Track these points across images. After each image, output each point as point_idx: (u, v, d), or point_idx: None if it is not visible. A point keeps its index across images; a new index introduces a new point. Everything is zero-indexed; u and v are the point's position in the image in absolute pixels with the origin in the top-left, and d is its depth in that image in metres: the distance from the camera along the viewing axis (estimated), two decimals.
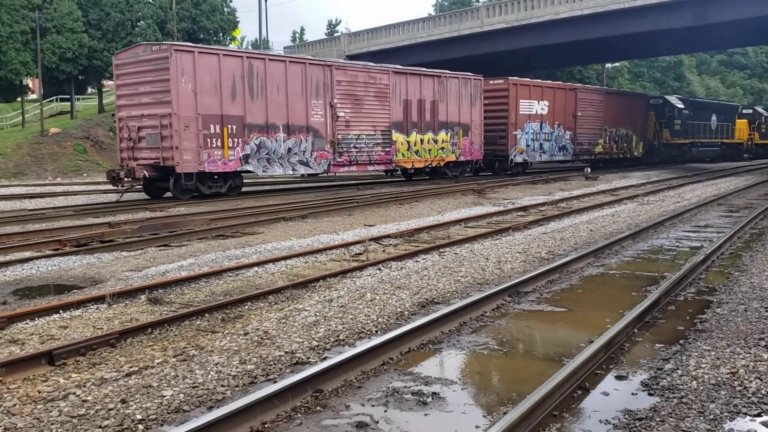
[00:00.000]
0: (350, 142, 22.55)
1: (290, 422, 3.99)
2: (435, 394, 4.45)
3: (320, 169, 21.92)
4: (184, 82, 17.94)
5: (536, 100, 30.64)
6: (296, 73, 20.69)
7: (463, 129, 26.81)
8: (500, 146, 29.50)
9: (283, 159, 20.54)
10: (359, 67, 23.57)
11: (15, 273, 8.71)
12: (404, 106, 24.39)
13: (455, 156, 26.66)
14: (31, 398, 4.33)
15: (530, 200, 18.00)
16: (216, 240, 11.53)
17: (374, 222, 13.63)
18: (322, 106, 21.46)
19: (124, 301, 6.95)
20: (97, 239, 11.30)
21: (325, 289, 7.43)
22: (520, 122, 29.77)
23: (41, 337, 5.76)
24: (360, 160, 23.02)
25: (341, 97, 22.08)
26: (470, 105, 27.13)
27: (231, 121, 19.02)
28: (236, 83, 19.07)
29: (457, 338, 5.70)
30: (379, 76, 23.48)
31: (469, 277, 7.99)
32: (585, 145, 34.50)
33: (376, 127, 23.46)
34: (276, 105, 20.11)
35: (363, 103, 22.88)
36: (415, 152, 25.04)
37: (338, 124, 22.04)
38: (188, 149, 18.06)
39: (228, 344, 5.42)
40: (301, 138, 20.96)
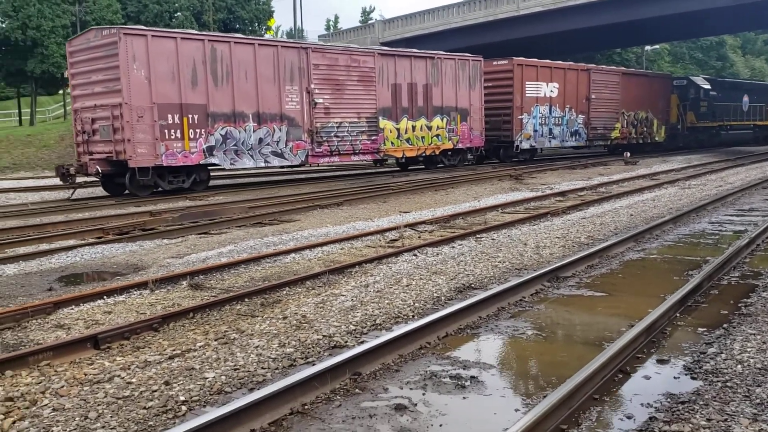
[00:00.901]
0: (331, 130, 20.78)
1: (330, 404, 4.03)
2: (473, 377, 4.44)
3: (297, 161, 20.26)
4: (137, 69, 16.48)
5: (545, 82, 28.57)
6: (267, 57, 18.98)
7: (461, 114, 24.91)
8: (505, 132, 27.67)
9: (253, 150, 18.94)
10: (339, 49, 21.75)
11: (60, 260, 8.94)
12: (393, 90, 22.59)
13: (452, 143, 24.84)
14: (77, 380, 4.44)
15: (569, 185, 17.77)
16: (254, 227, 11.65)
17: (409, 208, 13.62)
18: (297, 93, 19.79)
19: (166, 286, 7.09)
20: (138, 227, 11.52)
21: (361, 275, 7.47)
22: (527, 106, 27.83)
23: (86, 321, 5.91)
24: (342, 150, 21.30)
25: (320, 82, 20.33)
26: (469, 88, 25.17)
27: (192, 110, 17.50)
28: (197, 69, 17.53)
29: (495, 323, 5.68)
30: (363, 58, 21.66)
31: (507, 263, 7.94)
32: (600, 130, 32.18)
33: (361, 114, 21.69)
34: (244, 92, 18.52)
35: (345, 88, 21.10)
36: (406, 140, 23.28)
37: (317, 112, 20.31)
38: (142, 142, 16.62)
39: (267, 328, 5.49)
40: (274, 127, 19.33)
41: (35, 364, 4.78)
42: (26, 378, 4.52)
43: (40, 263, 8.76)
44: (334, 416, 3.87)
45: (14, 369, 4.67)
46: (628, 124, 34.09)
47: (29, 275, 8.09)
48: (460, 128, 24.97)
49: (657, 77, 38.48)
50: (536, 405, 3.67)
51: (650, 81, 36.46)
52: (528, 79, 27.71)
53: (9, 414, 3.89)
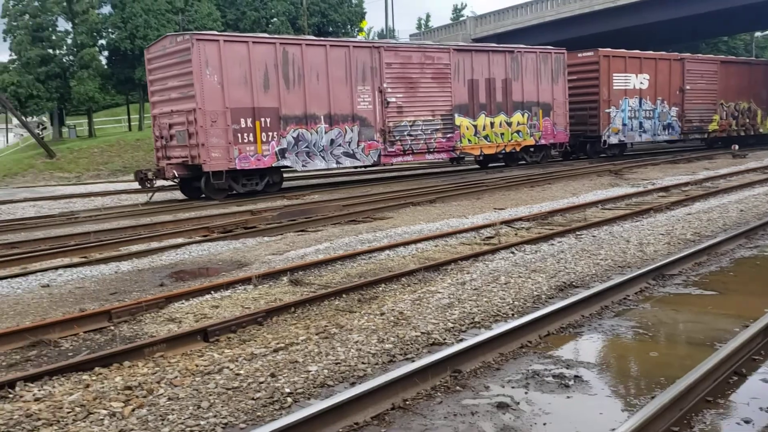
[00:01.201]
0: (404, 129, 20.43)
1: (430, 400, 4.05)
2: (577, 377, 4.34)
3: (369, 161, 19.98)
4: (209, 74, 16.70)
5: (633, 74, 27.16)
6: (339, 58, 18.93)
7: (543, 109, 23.98)
8: (591, 126, 26.45)
9: (325, 152, 18.86)
10: (413, 46, 21.60)
11: (170, 257, 9.40)
12: (469, 86, 21.96)
13: (534, 139, 23.90)
14: (189, 371, 4.66)
15: (672, 180, 17.03)
16: (348, 225, 11.84)
17: (504, 205, 13.45)
18: (369, 93, 19.59)
19: (267, 282, 7.31)
20: (241, 226, 11.95)
21: (457, 272, 7.44)
22: (615, 99, 26.62)
23: (195, 315, 6.19)
24: (416, 149, 20.85)
25: (392, 81, 20.06)
26: (551, 82, 24.20)
27: (264, 113, 17.61)
28: (269, 72, 17.63)
29: (598, 322, 5.53)
30: (437, 55, 21.13)
31: (609, 260, 7.70)
32: (695, 123, 30.21)
33: (435, 112, 21.20)
34: (316, 94, 18.49)
35: (418, 86, 20.72)
36: (484, 137, 22.53)
37: (389, 111, 20.02)
38: (216, 146, 16.85)
39: (366, 324, 5.56)
40: (345, 128, 19.21)
41: (150, 355, 5.05)
42: (143, 368, 4.78)
43: (152, 260, 9.24)
44: (436, 412, 3.88)
45: (131, 360, 4.95)
46: (728, 115, 31.93)
47: (142, 271, 8.55)
48: (542, 123, 24.04)
49: (760, 65, 35.81)
50: (645, 406, 3.54)
51: (752, 69, 34.06)
52: (615, 70, 26.55)
53: (128, 402, 4.13)
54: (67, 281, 8.07)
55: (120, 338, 5.66)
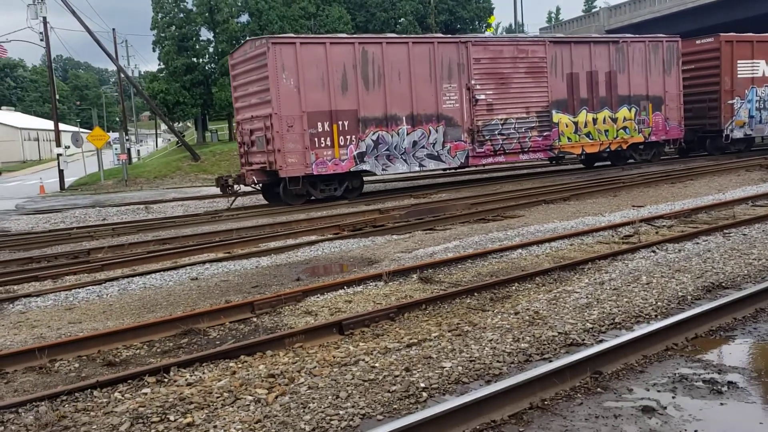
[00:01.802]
0: (494, 128, 19.09)
1: (570, 401, 3.92)
2: (731, 383, 4.05)
3: (455, 163, 18.78)
4: (285, 78, 16.21)
5: (763, 60, 24.22)
6: (422, 55, 17.91)
7: (653, 103, 21.90)
8: (711, 120, 23.91)
9: (407, 154, 17.88)
10: (505, 40, 20.28)
11: (305, 254, 9.75)
12: (568, 80, 20.38)
13: (643, 136, 21.87)
14: (327, 362, 4.80)
15: None
16: (478, 223, 11.74)
17: (643, 203, 12.81)
18: (456, 90, 18.44)
19: (398, 279, 7.40)
20: (370, 224, 12.18)
21: (594, 272, 7.18)
22: (739, 88, 23.78)
23: (330, 309, 6.37)
24: (508, 149, 19.41)
25: (481, 77, 18.81)
26: (662, 73, 22.05)
27: (342, 116, 16.90)
28: (347, 73, 16.96)
29: (753, 325, 5.13)
30: (531, 48, 19.71)
31: (764, 260, 7.13)
32: None
33: (530, 109, 19.73)
34: (397, 94, 17.58)
35: (510, 82, 19.35)
36: (586, 134, 20.78)
37: (478, 109, 18.78)
38: (292, 151, 16.32)
39: (499, 322, 5.49)
40: (429, 129, 18.17)
41: (290, 345, 5.26)
42: (284, 358, 4.99)
43: (288, 256, 9.63)
44: (576, 414, 3.75)
45: (273, 349, 5.18)
46: None
47: (280, 266, 8.92)
48: (652, 119, 22.02)
49: None
50: None
51: None
52: (740, 57, 23.80)
53: (272, 389, 4.32)
54: (213, 275, 8.58)
55: (262, 328, 5.93)
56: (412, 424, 3.38)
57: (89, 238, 12.97)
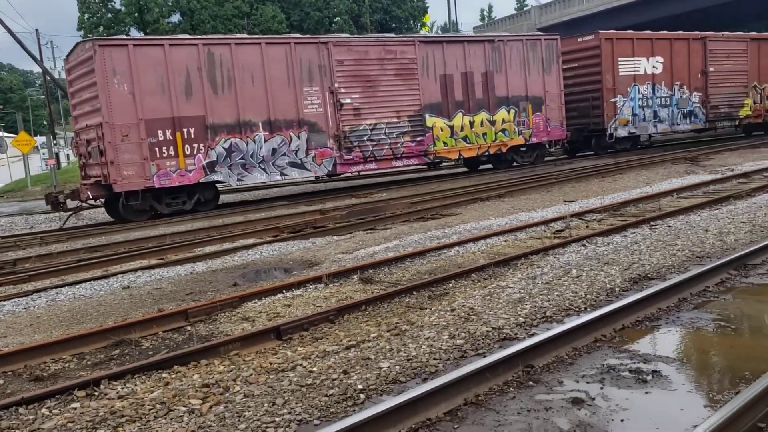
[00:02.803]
0: (363, 134, 18.09)
1: (503, 396, 4.00)
2: (655, 372, 4.21)
3: (322, 171, 17.72)
4: (118, 83, 14.92)
5: (644, 57, 24.15)
6: (278, 57, 16.82)
7: (533, 104, 21.28)
8: (595, 119, 23.65)
9: (265, 163, 16.72)
10: (370, 40, 18.86)
11: (242, 258, 9.63)
12: (442, 82, 19.46)
13: (524, 138, 21.29)
14: (264, 369, 4.76)
15: (752, 166, 16.30)
16: (417, 222, 11.84)
17: (574, 197, 13.17)
18: (319, 94, 17.41)
19: (338, 281, 7.40)
20: (310, 225, 12.13)
21: (527, 267, 7.33)
22: (622, 86, 23.66)
23: (268, 314, 6.32)
24: (379, 156, 18.44)
25: (346, 80, 17.80)
26: (542, 72, 21.39)
27: (187, 123, 15.67)
28: (192, 77, 15.76)
29: (676, 315, 5.34)
30: (400, 49, 18.67)
31: (687, 251, 7.43)
32: (723, 109, 26.66)
33: (401, 113, 18.72)
34: (251, 98, 16.44)
35: (379, 85, 18.31)
36: (463, 138, 20.00)
37: (343, 114, 17.77)
38: (129, 163, 15.03)
39: (437, 320, 5.55)
40: (290, 135, 17.04)
41: (226, 353, 5.19)
42: (219, 366, 4.92)
43: (225, 261, 9.49)
44: (509, 408, 3.83)
45: (208, 358, 5.10)
46: (763, 99, 27.99)
47: (216, 272, 8.79)
48: (532, 120, 21.36)
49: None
50: (729, 401, 3.40)
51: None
52: (621, 54, 23.71)
53: (206, 399, 4.25)
54: (146, 282, 8.39)
55: (197, 337, 5.84)
56: (349, 427, 3.39)
57: (15, 248, 12.50)
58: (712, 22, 36.83)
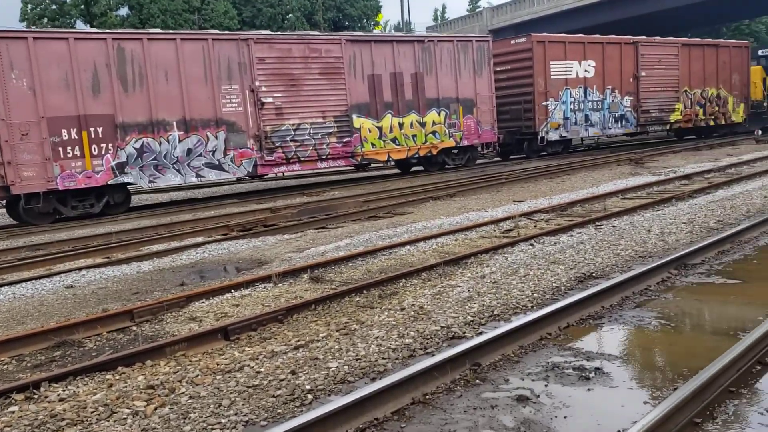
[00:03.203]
0: (285, 134, 17.52)
1: (450, 394, 4.04)
2: (598, 369, 4.31)
3: (242, 172, 17.04)
4: (16, 78, 14.10)
5: (576, 61, 24.03)
6: (195, 53, 16.14)
7: (464, 106, 20.98)
8: (527, 122, 23.46)
9: (180, 164, 15.99)
10: (294, 37, 18.31)
11: (190, 257, 9.48)
12: (370, 82, 18.95)
13: (455, 140, 20.99)
14: (210, 370, 4.70)
15: (694, 168, 16.83)
16: (369, 221, 11.85)
17: (523, 197, 13.38)
18: (238, 92, 16.78)
19: (288, 280, 7.35)
20: (260, 224, 12.01)
21: (477, 266, 7.42)
22: (554, 90, 23.51)
23: (216, 314, 6.24)
24: (303, 157, 17.88)
25: (267, 78, 17.19)
26: (473, 75, 21.14)
27: (94, 122, 14.90)
28: (100, 73, 14.99)
29: (619, 313, 5.48)
30: (325, 47, 18.13)
31: (630, 250, 7.63)
32: (654, 113, 26.77)
33: (326, 113, 18.24)
34: (165, 96, 15.71)
35: (303, 84, 17.77)
36: (392, 140, 19.56)
37: (265, 113, 17.15)
38: (29, 163, 14.19)
39: (386, 319, 5.57)
40: (207, 135, 16.35)
41: (172, 354, 5.10)
42: (164, 367, 4.84)
43: (172, 260, 9.33)
44: (456, 406, 3.87)
45: (153, 359, 5.01)
46: (693, 103, 28.20)
47: (163, 271, 8.64)
48: (463, 122, 21.07)
49: (729, 47, 30.81)
50: (667, 397, 3.51)
51: (720, 52, 29.65)
52: (553, 58, 23.46)
53: (151, 401, 4.18)
54: (91, 282, 8.18)
55: (142, 338, 5.72)
56: (296, 427, 3.37)
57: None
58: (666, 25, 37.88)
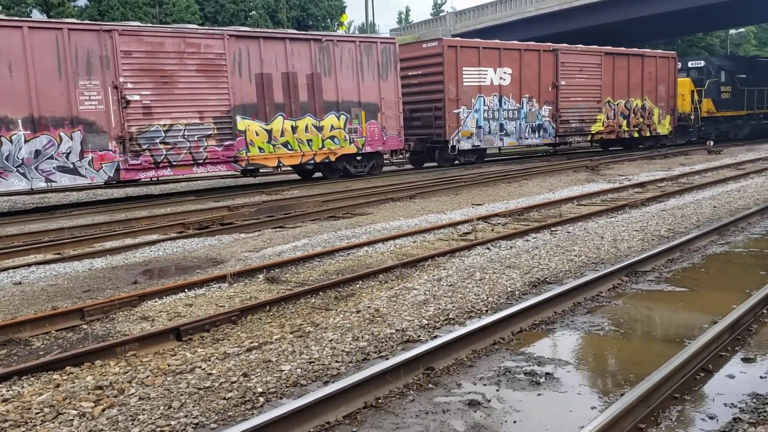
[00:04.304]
0: (155, 135, 15.89)
1: (403, 398, 4.06)
2: (548, 374, 4.38)
3: (101, 177, 15.29)
4: None
5: (490, 67, 23.00)
6: (46, 44, 14.41)
7: (367, 110, 19.79)
8: (437, 129, 22.36)
9: (26, 167, 14.26)
10: (167, 30, 16.42)
11: (144, 254, 9.33)
12: (259, 82, 17.55)
13: (356, 146, 19.77)
14: (161, 371, 4.63)
15: (648, 176, 17.23)
16: (328, 221, 11.82)
17: (482, 201, 13.51)
18: (99, 89, 15.09)
19: (243, 280, 7.29)
20: (217, 222, 11.87)
21: (434, 268, 7.47)
22: (466, 97, 22.47)
23: (169, 314, 6.15)
24: (176, 161, 16.26)
25: (134, 74, 15.55)
26: (378, 78, 19.95)
27: None
28: None
29: (571, 319, 5.58)
30: (205, 42, 16.61)
31: (583, 257, 7.78)
32: (574, 123, 25.78)
33: (205, 114, 16.66)
34: (8, 91, 14.04)
35: (177, 81, 16.22)
36: (283, 144, 18.17)
37: (130, 112, 15.50)
38: None
39: (341, 321, 5.57)
40: (60, 135, 14.64)
41: (122, 354, 5.02)
42: (114, 368, 4.75)
43: (126, 257, 9.16)
44: (408, 410, 3.89)
45: (103, 359, 4.91)
46: (616, 114, 27.43)
47: (116, 269, 8.47)
48: (366, 128, 19.86)
49: (655, 57, 29.56)
50: (613, 403, 3.59)
51: (646, 62, 28.70)
52: (466, 64, 22.37)
53: (99, 402, 4.10)
54: (40, 278, 7.98)
55: (92, 337, 5.61)
56: (246, 430, 3.35)
57: None
58: (623, 36, 38.66)
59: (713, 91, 32.29)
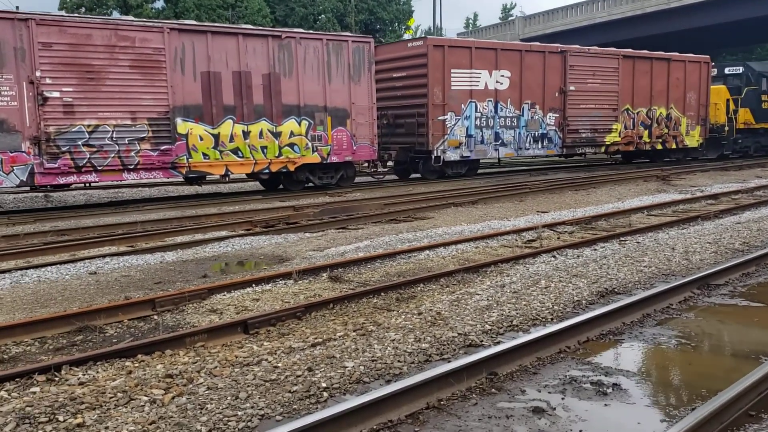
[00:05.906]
0: (77, 137, 14.26)
1: (465, 401, 4.04)
2: (616, 385, 4.28)
3: (12, 181, 13.77)
4: None
5: (485, 70, 20.60)
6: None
7: (334, 116, 17.75)
8: (420, 138, 20.04)
9: None
10: (96, 21, 14.74)
11: (213, 250, 9.57)
12: (205, 81, 15.74)
13: (320, 155, 17.66)
14: (229, 362, 4.74)
15: (721, 188, 16.63)
16: (389, 224, 11.87)
17: (548, 208, 13.31)
18: (12, 83, 13.58)
19: (308, 277, 7.40)
20: (283, 221, 12.09)
21: (497, 275, 7.40)
22: (454, 102, 20.12)
23: (236, 307, 6.29)
24: (102, 165, 14.55)
25: (54, 69, 13.98)
26: (348, 80, 17.88)
27: None
28: None
29: (639, 330, 5.44)
30: (140, 36, 14.90)
31: (653, 268, 7.56)
32: (584, 133, 23.28)
33: (138, 114, 14.94)
34: None
35: (105, 78, 14.53)
36: (233, 151, 16.26)
37: (48, 111, 13.97)
38: None
39: (403, 322, 5.58)
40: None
41: (191, 345, 5.16)
42: (184, 357, 4.89)
43: (196, 252, 9.43)
44: (471, 414, 3.87)
45: (173, 348, 5.07)
46: (636, 124, 24.76)
47: (186, 262, 8.73)
48: (332, 135, 17.81)
49: (684, 62, 26.21)
50: (684, 417, 3.48)
51: (674, 67, 25.60)
52: (456, 65, 20.07)
53: (169, 390, 4.23)
54: (114, 269, 8.29)
55: (163, 327, 5.79)
56: (311, 424, 3.39)
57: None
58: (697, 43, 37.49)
59: (752, 100, 28.98)
